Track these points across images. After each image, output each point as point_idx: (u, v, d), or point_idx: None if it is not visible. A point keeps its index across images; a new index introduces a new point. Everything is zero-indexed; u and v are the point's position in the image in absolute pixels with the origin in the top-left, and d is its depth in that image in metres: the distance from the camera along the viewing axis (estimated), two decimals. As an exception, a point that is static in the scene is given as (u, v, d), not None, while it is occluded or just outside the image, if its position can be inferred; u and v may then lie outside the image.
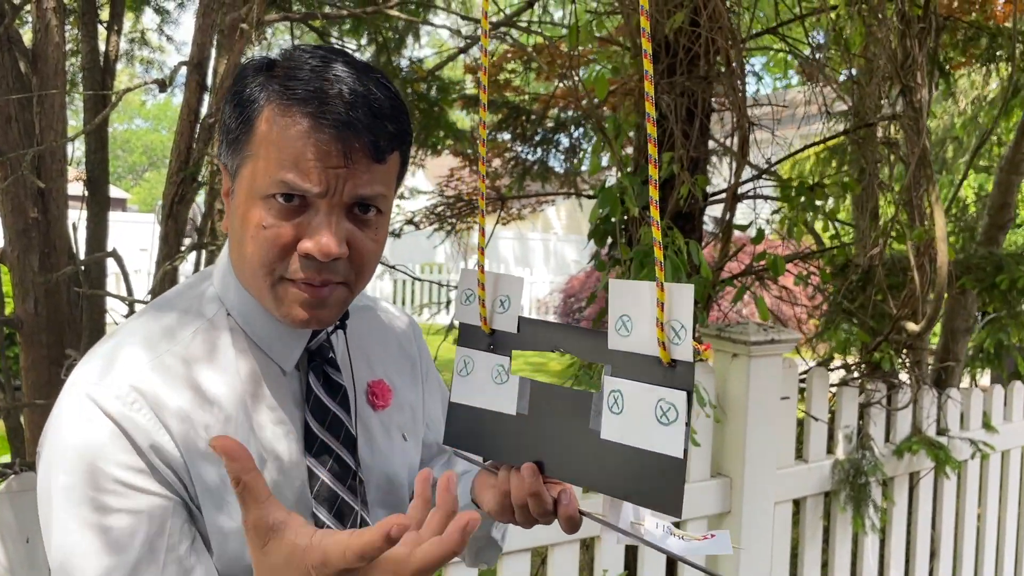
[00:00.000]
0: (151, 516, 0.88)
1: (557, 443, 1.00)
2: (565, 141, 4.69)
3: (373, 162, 0.92)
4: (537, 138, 4.34)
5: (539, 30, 3.54)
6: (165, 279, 1.68)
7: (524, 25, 3.21)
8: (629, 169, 2.59)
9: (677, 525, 1.22)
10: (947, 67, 3.51)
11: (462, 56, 4.27)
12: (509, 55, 4.64)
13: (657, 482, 0.90)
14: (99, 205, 1.89)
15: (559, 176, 4.81)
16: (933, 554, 3.27)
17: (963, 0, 4.49)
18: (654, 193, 0.92)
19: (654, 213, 0.90)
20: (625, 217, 2.51)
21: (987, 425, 3.39)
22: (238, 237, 0.95)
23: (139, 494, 0.89)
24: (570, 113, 4.70)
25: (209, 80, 1.75)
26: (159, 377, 0.93)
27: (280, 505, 0.75)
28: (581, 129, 4.09)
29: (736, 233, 2.85)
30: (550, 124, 4.35)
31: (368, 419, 1.10)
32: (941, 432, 3.22)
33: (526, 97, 4.57)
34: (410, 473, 1.15)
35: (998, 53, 3.47)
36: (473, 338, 1.08)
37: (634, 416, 0.92)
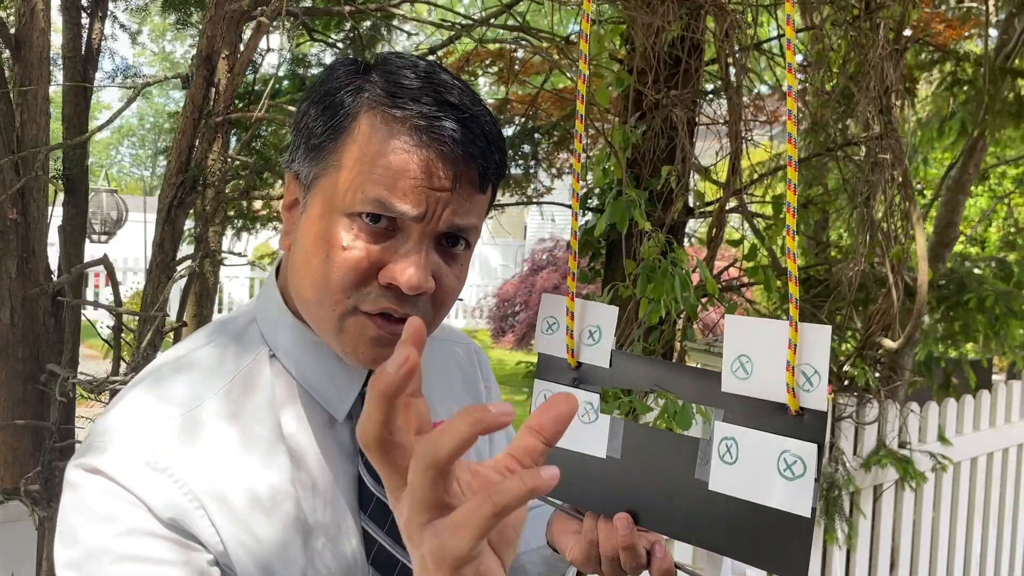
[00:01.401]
0: (179, 565, 0.77)
1: (655, 491, 0.93)
2: (526, 148, 4.61)
3: (476, 191, 0.83)
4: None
5: (516, 34, 3.46)
6: (159, 289, 1.54)
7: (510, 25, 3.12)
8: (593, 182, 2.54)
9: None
10: (911, 88, 3.59)
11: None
12: (470, 58, 4.54)
13: (778, 541, 0.83)
14: (76, 206, 1.73)
15: (520, 182, 4.74)
16: (893, 565, 3.34)
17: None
18: (791, 221, 0.85)
19: (790, 243, 0.84)
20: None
21: (942, 438, 3.48)
22: (308, 256, 0.83)
23: (165, 548, 0.78)
24: (520, 119, 4.64)
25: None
26: (189, 439, 0.81)
27: None
28: (550, 136, 4.03)
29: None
30: (515, 130, 4.28)
31: None
32: (902, 445, 3.29)
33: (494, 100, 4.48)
34: None
35: (958, 75, 3.56)
36: (555, 371, 1.00)
37: (752, 467, 0.85)
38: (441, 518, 0.54)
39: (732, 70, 2.34)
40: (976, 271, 4.72)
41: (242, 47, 1.66)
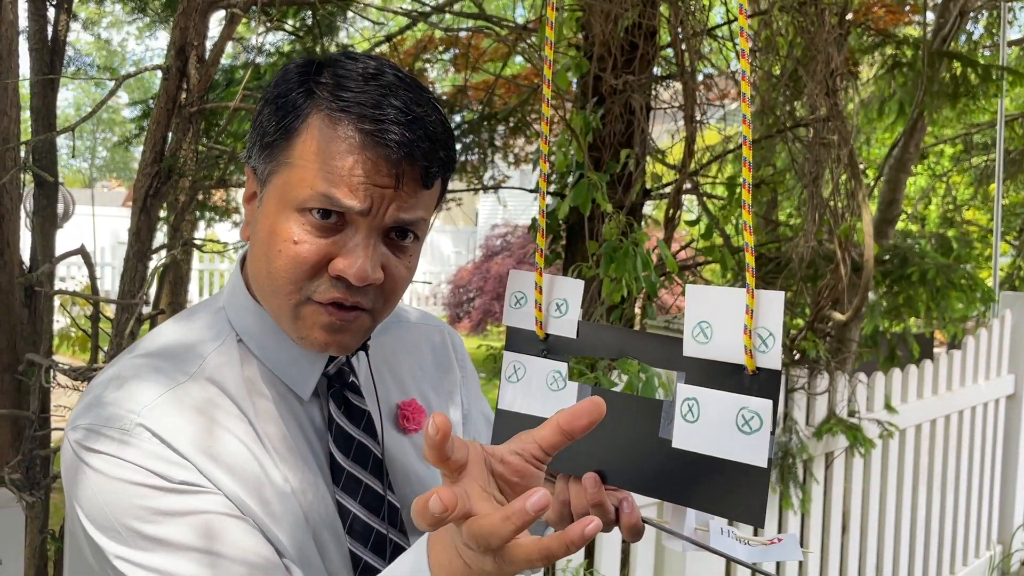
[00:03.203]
0: (205, 509, 0.84)
1: (621, 452, 0.99)
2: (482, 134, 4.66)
3: (421, 187, 0.88)
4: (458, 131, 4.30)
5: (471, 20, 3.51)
6: (135, 277, 1.57)
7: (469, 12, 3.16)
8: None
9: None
10: (854, 71, 3.72)
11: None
12: (426, 46, 4.56)
13: (738, 492, 0.91)
14: (47, 198, 1.74)
15: (476, 169, 4.79)
16: (844, 528, 3.49)
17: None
18: (747, 196, 0.93)
19: (746, 216, 0.92)
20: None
21: (888, 407, 3.64)
22: (263, 248, 0.89)
23: (187, 497, 0.84)
24: (473, 106, 4.69)
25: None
26: (169, 415, 0.86)
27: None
28: (506, 124, 4.09)
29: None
30: (472, 117, 4.33)
31: (399, 444, 1.03)
32: (851, 414, 3.44)
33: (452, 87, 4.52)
34: None
35: (899, 57, 3.71)
36: (524, 343, 1.06)
37: (712, 425, 0.93)
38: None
39: (686, 56, 2.42)
40: (916, 248, 4.92)
41: (209, 38, 1.69)
